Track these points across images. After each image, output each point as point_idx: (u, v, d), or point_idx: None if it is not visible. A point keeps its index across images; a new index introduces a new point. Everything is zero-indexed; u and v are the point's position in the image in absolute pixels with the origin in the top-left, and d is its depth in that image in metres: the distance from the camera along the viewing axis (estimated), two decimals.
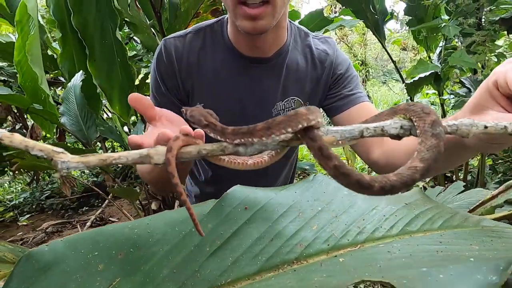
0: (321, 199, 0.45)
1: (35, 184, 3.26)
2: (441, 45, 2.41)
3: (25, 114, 2.77)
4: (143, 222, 0.40)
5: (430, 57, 2.63)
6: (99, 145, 3.32)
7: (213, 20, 0.82)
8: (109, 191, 2.24)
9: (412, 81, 2.35)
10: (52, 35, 2.78)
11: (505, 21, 1.91)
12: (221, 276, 0.35)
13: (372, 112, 0.79)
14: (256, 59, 0.77)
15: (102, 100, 2.16)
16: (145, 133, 0.49)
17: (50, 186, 3.26)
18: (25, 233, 2.56)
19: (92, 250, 0.36)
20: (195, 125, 0.36)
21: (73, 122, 1.72)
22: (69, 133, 2.21)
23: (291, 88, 0.82)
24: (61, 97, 1.89)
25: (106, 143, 3.32)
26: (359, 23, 2.24)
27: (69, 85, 1.77)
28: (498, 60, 1.98)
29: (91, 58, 1.43)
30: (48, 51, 2.42)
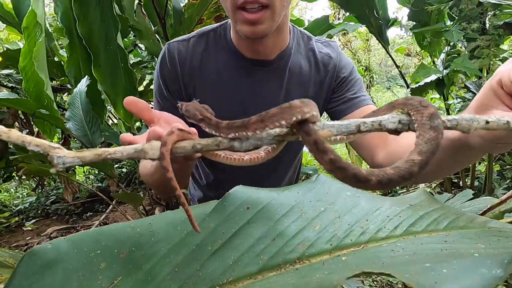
0: (323, 200, 0.45)
1: (41, 189, 3.28)
2: (445, 50, 2.41)
3: (31, 120, 2.80)
4: (145, 221, 0.40)
5: (434, 62, 2.62)
6: None
7: (216, 24, 0.83)
8: (112, 196, 2.25)
9: (417, 86, 2.34)
10: (59, 42, 2.82)
11: (510, 26, 1.90)
12: (222, 275, 0.34)
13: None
14: (258, 61, 0.78)
15: (106, 105, 2.19)
16: (139, 134, 0.50)
17: (55, 191, 3.28)
18: (30, 238, 2.57)
19: (94, 248, 0.36)
20: (191, 120, 0.36)
21: (78, 127, 1.73)
22: (74, 138, 2.22)
23: (294, 91, 0.82)
24: (67, 103, 1.91)
25: None
26: (361, 27, 2.25)
27: (75, 90, 1.79)
28: None
29: (96, 64, 1.45)
30: (55, 58, 2.46)
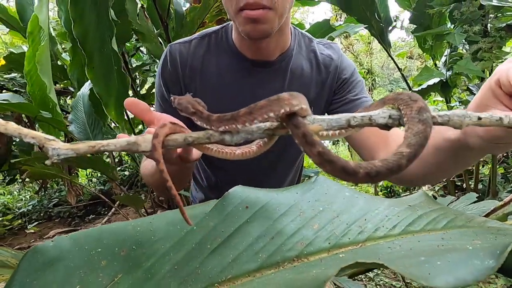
0: (322, 200, 0.45)
1: (43, 192, 3.30)
2: (446, 53, 2.41)
3: (35, 123, 2.82)
4: (146, 220, 0.41)
5: (436, 65, 2.62)
6: (106, 153, 3.35)
7: (218, 26, 0.83)
8: (114, 199, 2.26)
9: (419, 89, 2.34)
10: (63, 46, 2.85)
11: (511, 28, 1.91)
12: (221, 272, 0.35)
13: None
14: (260, 62, 0.78)
15: None
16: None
17: (57, 194, 3.30)
18: (32, 240, 2.58)
19: (95, 246, 0.37)
20: (183, 113, 0.36)
21: (81, 130, 1.75)
22: (76, 141, 2.24)
23: None
24: (70, 106, 1.93)
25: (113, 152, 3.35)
26: (362, 30, 2.25)
27: (79, 93, 1.81)
28: None
29: (90, 65, 1.47)
30: (58, 62, 2.48)
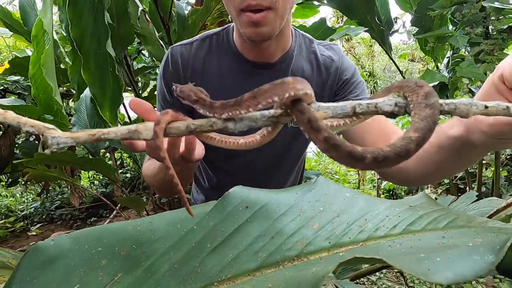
0: (322, 200, 0.45)
1: (46, 194, 3.31)
2: (448, 55, 2.40)
3: None
4: (146, 220, 0.41)
5: (438, 67, 2.62)
6: (108, 155, 3.36)
7: (219, 28, 0.84)
8: (116, 201, 2.27)
9: None
10: (65, 49, 2.87)
11: None
12: (221, 272, 0.35)
13: (378, 117, 0.79)
14: (260, 64, 0.78)
15: None
16: None
17: (60, 196, 3.31)
18: (34, 243, 2.59)
19: (96, 246, 0.37)
20: (185, 101, 0.36)
21: None
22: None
23: None
24: (73, 108, 1.94)
25: (115, 154, 3.35)
26: (363, 33, 2.25)
27: (81, 96, 1.82)
28: None
29: (86, 67, 1.49)
30: (61, 65, 2.50)
